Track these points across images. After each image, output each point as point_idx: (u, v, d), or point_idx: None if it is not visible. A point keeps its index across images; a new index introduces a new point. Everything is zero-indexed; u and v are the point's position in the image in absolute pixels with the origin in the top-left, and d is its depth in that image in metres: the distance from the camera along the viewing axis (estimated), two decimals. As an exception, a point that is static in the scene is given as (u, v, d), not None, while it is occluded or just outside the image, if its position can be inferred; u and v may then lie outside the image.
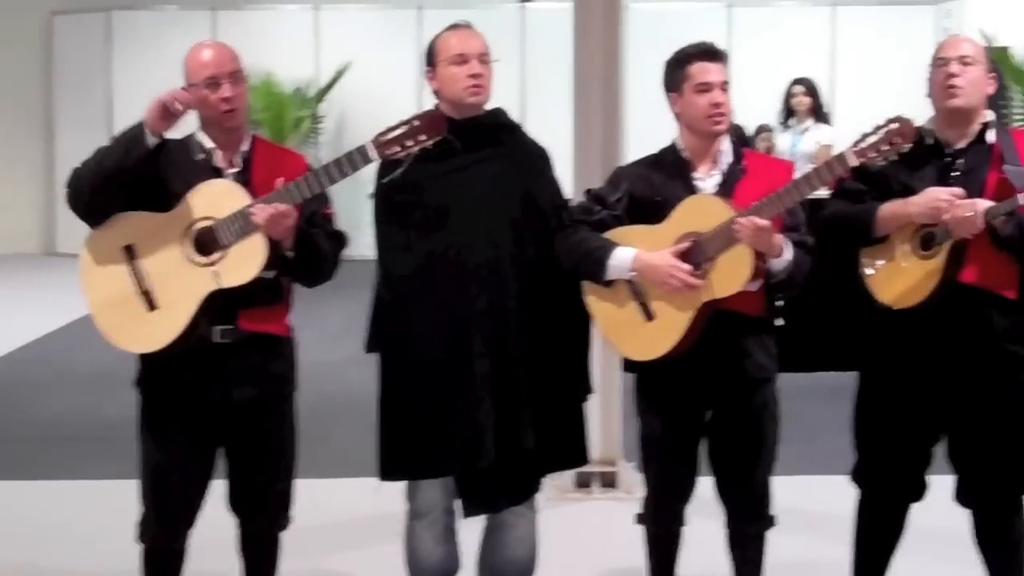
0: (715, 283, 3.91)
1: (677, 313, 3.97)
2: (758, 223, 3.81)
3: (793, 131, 10.03)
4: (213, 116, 3.96)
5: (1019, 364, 4.06)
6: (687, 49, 4.09)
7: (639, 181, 4.12)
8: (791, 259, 3.93)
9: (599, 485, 6.21)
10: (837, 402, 4.31)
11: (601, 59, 6.06)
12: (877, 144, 3.78)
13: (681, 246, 3.96)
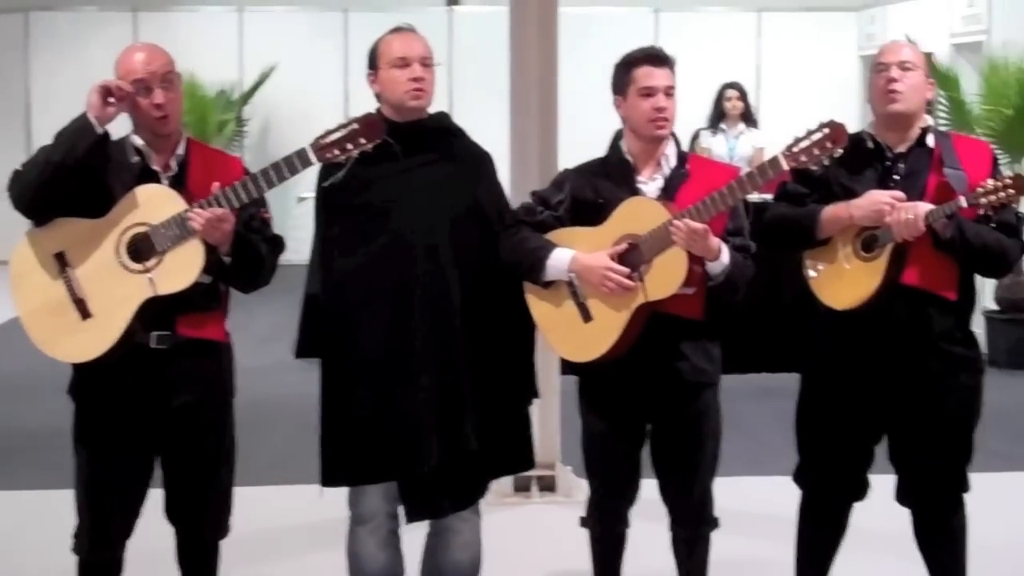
0: (650, 286, 3.92)
1: (614, 315, 3.97)
2: (692, 226, 3.81)
3: (728, 135, 10.07)
4: (145, 122, 3.89)
5: (959, 364, 4.09)
6: (634, 53, 4.09)
7: (583, 183, 4.12)
8: (729, 263, 3.94)
9: (538, 489, 6.20)
10: (778, 403, 4.31)
11: (537, 63, 6.05)
12: (809, 148, 3.80)
13: (618, 248, 3.96)
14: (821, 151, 3.79)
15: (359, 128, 3.77)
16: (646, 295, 3.92)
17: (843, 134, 3.79)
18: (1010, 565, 5.13)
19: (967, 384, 4.14)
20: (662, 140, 4.07)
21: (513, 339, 4.14)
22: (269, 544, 5.56)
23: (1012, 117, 8.97)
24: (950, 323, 4.06)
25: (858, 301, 4.01)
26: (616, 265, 3.94)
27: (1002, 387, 8.35)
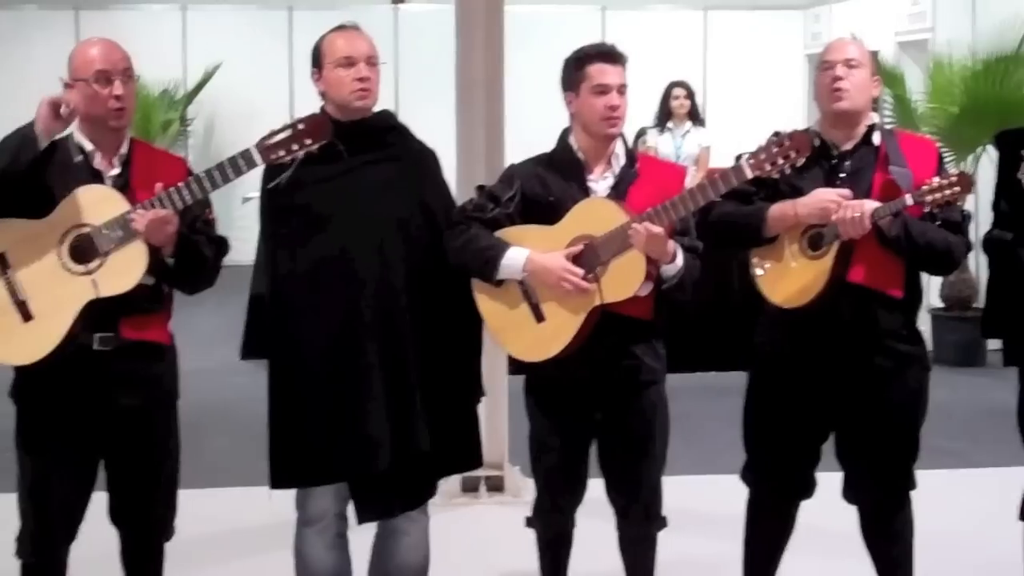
0: (607, 288, 3.91)
1: (568, 316, 3.96)
2: (652, 230, 3.80)
3: (674, 134, 10.07)
4: (100, 114, 3.84)
5: (905, 362, 4.11)
6: (586, 49, 4.08)
7: (532, 180, 4.09)
8: (682, 265, 3.94)
9: (486, 489, 6.18)
10: (726, 401, 4.32)
11: (483, 61, 6.03)
12: (774, 157, 3.80)
13: (574, 249, 3.94)
14: (785, 160, 3.79)
15: (305, 128, 3.73)
16: (602, 297, 3.91)
17: (807, 144, 3.79)
18: (957, 562, 5.15)
19: (913, 382, 4.15)
20: (613, 138, 4.06)
21: (460, 338, 4.11)
22: (216, 546, 5.51)
23: (957, 115, 9.04)
24: (896, 321, 4.08)
25: (804, 299, 4.01)
26: (573, 267, 3.92)
27: (948, 384, 8.41)
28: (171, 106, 14.47)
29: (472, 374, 4.17)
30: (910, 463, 4.21)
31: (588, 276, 3.91)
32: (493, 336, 4.13)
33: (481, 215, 4.06)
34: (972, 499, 6.15)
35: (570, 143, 4.11)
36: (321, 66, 3.97)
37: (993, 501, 5.96)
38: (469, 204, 4.13)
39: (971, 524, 5.73)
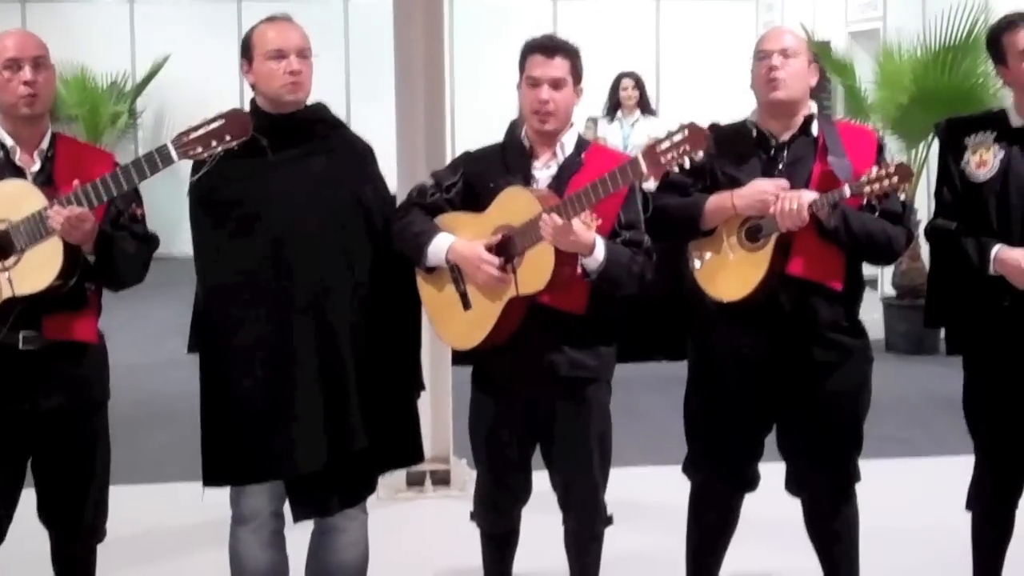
0: (522, 279, 3.87)
1: (489, 305, 3.93)
2: (556, 221, 3.74)
3: (623, 124, 10.06)
4: (11, 102, 3.78)
5: (846, 354, 4.08)
6: (531, 40, 4.05)
7: (479, 166, 4.07)
8: (604, 259, 3.86)
9: (431, 483, 6.13)
10: (676, 391, 4.29)
11: (423, 52, 5.96)
12: (668, 151, 3.70)
13: (495, 238, 3.91)
14: (680, 154, 3.69)
15: (224, 125, 3.65)
16: (518, 289, 3.87)
17: (701, 138, 3.68)
18: (906, 551, 5.13)
19: (854, 374, 4.12)
20: (547, 133, 4.00)
21: (398, 332, 4.06)
22: (154, 543, 5.44)
23: (907, 104, 9.03)
24: (837, 313, 4.04)
25: (743, 292, 3.97)
26: (489, 256, 3.88)
27: (899, 373, 8.43)
28: (120, 98, 14.36)
29: (411, 368, 4.12)
30: (853, 455, 4.18)
31: (505, 267, 3.87)
32: (429, 321, 4.11)
33: (422, 200, 4.05)
34: (922, 488, 6.15)
35: (518, 131, 4.08)
36: (251, 58, 3.89)
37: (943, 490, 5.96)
38: (415, 189, 4.12)
39: (921, 513, 5.70)
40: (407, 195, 4.11)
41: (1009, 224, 4.03)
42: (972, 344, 4.20)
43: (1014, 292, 3.99)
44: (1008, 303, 4.02)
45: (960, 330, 4.25)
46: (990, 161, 4.06)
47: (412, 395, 4.11)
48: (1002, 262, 3.98)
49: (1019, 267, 3.94)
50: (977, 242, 4.03)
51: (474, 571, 4.39)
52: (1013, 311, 4.02)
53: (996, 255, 3.99)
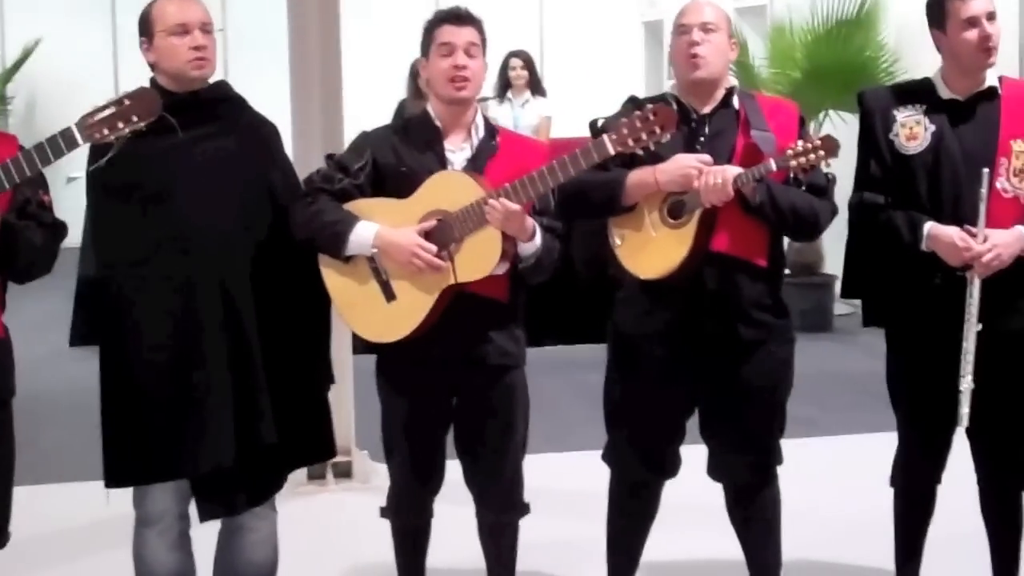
0: (461, 266, 3.73)
1: (419, 295, 3.77)
2: (509, 207, 3.64)
3: (513, 104, 9.95)
4: None
5: (769, 333, 4.01)
6: (437, 13, 3.92)
7: (385, 148, 3.89)
8: (540, 245, 3.77)
9: (333, 476, 5.97)
10: (581, 375, 4.17)
11: (319, 33, 5.79)
12: (637, 132, 3.61)
13: (427, 224, 3.75)
14: (649, 135, 3.61)
15: (131, 105, 3.41)
16: (455, 276, 3.72)
17: (672, 119, 3.62)
18: (814, 532, 5.06)
19: (777, 354, 4.06)
20: (464, 102, 3.87)
21: (308, 322, 3.91)
22: (52, 546, 5.23)
23: (800, 80, 9.08)
24: (761, 291, 3.97)
25: (666, 270, 3.87)
26: (425, 243, 3.72)
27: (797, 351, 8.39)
28: (-11, 84, 13.95)
29: (321, 360, 3.97)
30: (776, 438, 4.11)
31: (441, 254, 3.72)
32: (340, 315, 3.93)
33: (329, 186, 3.85)
34: (827, 467, 6.10)
35: (428, 110, 3.92)
36: (151, 35, 3.70)
37: (848, 469, 5.98)
38: (316, 174, 3.91)
39: (828, 493, 5.67)
40: (307, 181, 3.91)
41: (940, 199, 3.96)
42: (897, 320, 4.14)
43: (945, 269, 3.93)
44: (940, 280, 3.96)
45: (880, 303, 4.18)
46: (921, 134, 4.00)
47: (322, 387, 3.97)
48: (935, 239, 3.92)
49: (952, 244, 3.88)
50: (908, 218, 3.97)
51: (381, 567, 4.28)
52: (943, 288, 3.96)
53: (929, 232, 3.93)
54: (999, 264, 3.87)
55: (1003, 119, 3.95)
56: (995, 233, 3.87)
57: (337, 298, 3.89)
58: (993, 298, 3.89)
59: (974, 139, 3.96)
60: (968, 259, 3.86)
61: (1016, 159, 3.92)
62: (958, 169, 3.93)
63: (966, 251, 3.86)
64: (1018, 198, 3.93)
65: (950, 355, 3.91)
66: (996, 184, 3.91)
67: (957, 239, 3.87)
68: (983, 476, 4.20)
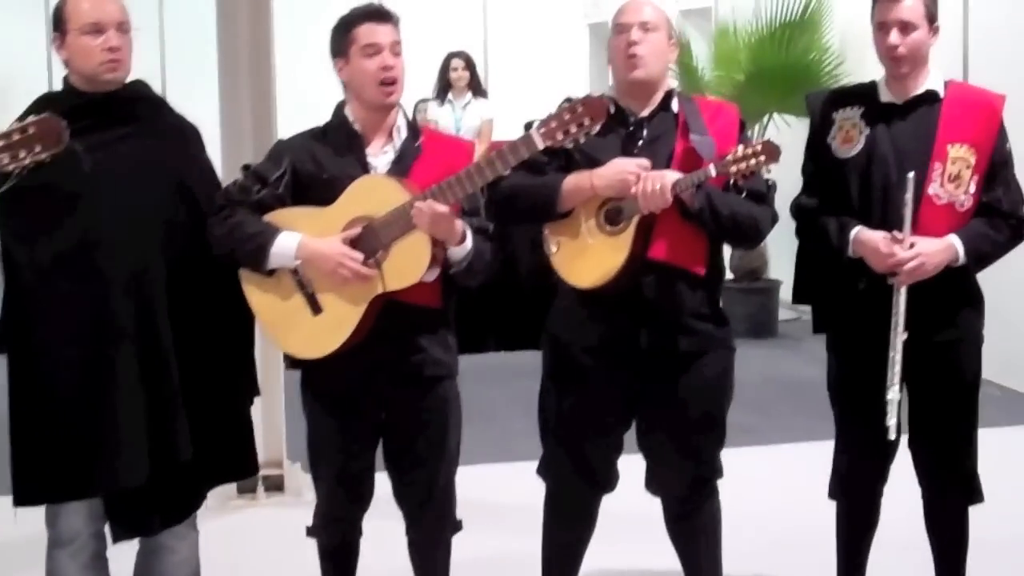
0: (389, 274, 3.59)
1: (348, 306, 3.63)
2: (437, 208, 3.50)
3: (454, 106, 9.82)
4: None
5: (709, 343, 3.91)
6: (354, 11, 3.74)
7: (304, 156, 3.74)
8: (471, 247, 3.65)
9: (264, 490, 5.83)
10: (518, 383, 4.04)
11: (248, 31, 5.64)
12: (566, 124, 3.48)
13: (352, 232, 3.61)
14: (579, 127, 3.48)
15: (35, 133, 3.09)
16: (384, 284, 3.58)
17: (601, 109, 3.49)
18: (755, 545, 4.98)
19: (717, 364, 3.95)
20: (391, 107, 3.74)
21: (229, 333, 3.76)
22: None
23: (743, 82, 9.00)
24: (700, 300, 3.86)
25: (603, 279, 3.75)
26: (351, 251, 3.58)
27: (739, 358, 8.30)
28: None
29: (244, 373, 3.83)
30: (716, 451, 4.01)
31: (368, 261, 3.58)
32: (266, 332, 3.79)
33: (246, 197, 3.69)
34: (770, 477, 6.01)
35: (346, 115, 3.77)
36: (64, 32, 3.55)
37: (791, 478, 5.88)
38: (233, 186, 3.76)
39: (767, 504, 5.59)
40: (223, 193, 3.74)
41: (870, 204, 3.90)
42: (833, 326, 4.10)
43: (871, 275, 3.87)
44: (864, 286, 3.91)
45: (824, 310, 4.13)
46: (856, 137, 3.94)
47: (244, 401, 3.83)
48: (860, 243, 3.87)
49: (877, 250, 3.83)
50: (837, 222, 3.92)
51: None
52: (869, 294, 3.90)
53: (855, 236, 3.88)
54: (923, 273, 3.81)
55: (941, 123, 3.88)
56: (923, 241, 3.81)
57: (261, 315, 3.74)
58: (922, 307, 3.83)
59: (909, 143, 3.89)
60: (892, 265, 3.81)
61: (952, 164, 3.85)
62: (889, 173, 3.87)
63: (890, 257, 3.80)
64: (952, 205, 3.86)
65: (881, 364, 3.84)
66: (928, 190, 3.84)
67: (881, 244, 3.81)
68: (926, 489, 4.12)
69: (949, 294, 3.89)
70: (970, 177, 3.85)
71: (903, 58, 3.85)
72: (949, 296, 3.90)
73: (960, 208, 3.86)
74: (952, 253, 3.84)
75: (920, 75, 3.92)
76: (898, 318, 3.81)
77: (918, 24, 3.83)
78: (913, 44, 3.83)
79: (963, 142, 3.85)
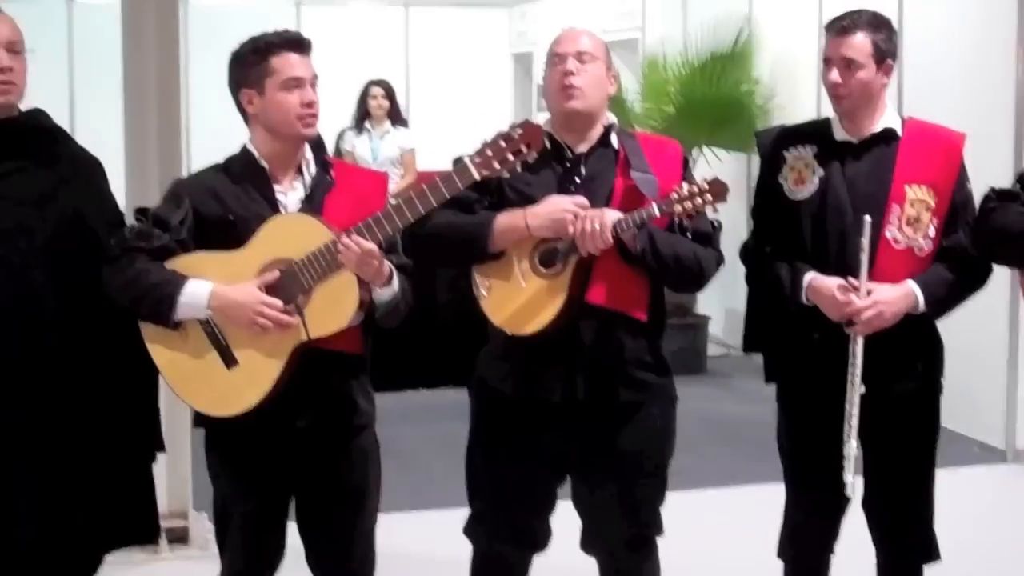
0: (313, 320, 3.31)
1: (266, 359, 3.34)
2: (366, 246, 3.23)
3: (372, 135, 9.57)
4: None
5: (650, 394, 3.69)
6: (267, 38, 3.46)
7: (205, 195, 3.45)
8: (399, 288, 3.40)
9: (167, 542, 5.46)
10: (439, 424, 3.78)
11: (156, 60, 5.37)
12: (503, 152, 3.25)
13: (268, 276, 3.32)
14: (516, 155, 3.26)
15: None
16: (308, 332, 3.30)
17: (538, 136, 3.28)
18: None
19: (659, 415, 3.73)
20: (306, 139, 3.48)
21: (129, 386, 3.52)
22: None
23: (674, 115, 8.89)
24: (641, 347, 3.65)
25: (537, 325, 3.52)
26: (269, 298, 3.30)
27: (668, 396, 8.16)
28: None
29: (145, 428, 3.60)
30: (656, 508, 3.79)
31: (288, 307, 3.30)
32: (174, 390, 3.46)
33: (147, 244, 3.37)
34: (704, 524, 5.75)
35: (249, 149, 3.49)
36: None
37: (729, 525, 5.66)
38: (130, 232, 3.43)
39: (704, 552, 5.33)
40: (118, 240, 3.41)
41: (825, 249, 3.72)
42: (784, 377, 3.90)
43: (826, 324, 3.68)
44: (818, 336, 3.72)
45: (776, 359, 3.93)
46: (808, 178, 3.75)
47: (146, 460, 3.59)
48: (815, 291, 3.69)
49: (832, 298, 3.64)
50: (790, 268, 3.74)
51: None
52: (825, 345, 3.70)
53: (809, 283, 3.69)
54: (881, 323, 3.63)
55: (898, 163, 3.71)
56: (880, 288, 3.63)
57: (167, 372, 3.43)
58: (878, 357, 3.64)
59: (865, 184, 3.72)
60: (848, 314, 3.62)
61: (910, 207, 3.68)
62: (845, 216, 3.70)
63: (846, 305, 3.61)
64: (911, 249, 3.69)
65: (836, 418, 3.65)
66: (886, 233, 3.67)
67: (837, 292, 3.63)
68: (881, 550, 3.94)
69: (907, 343, 3.72)
70: (930, 220, 3.67)
71: (844, 97, 3.69)
72: (907, 345, 3.73)
73: (919, 253, 3.69)
74: (912, 300, 3.66)
75: (875, 113, 3.75)
76: (855, 370, 3.62)
77: (863, 63, 3.67)
78: (857, 83, 3.67)
79: (922, 183, 3.69)
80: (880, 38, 3.68)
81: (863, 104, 3.70)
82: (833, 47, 3.68)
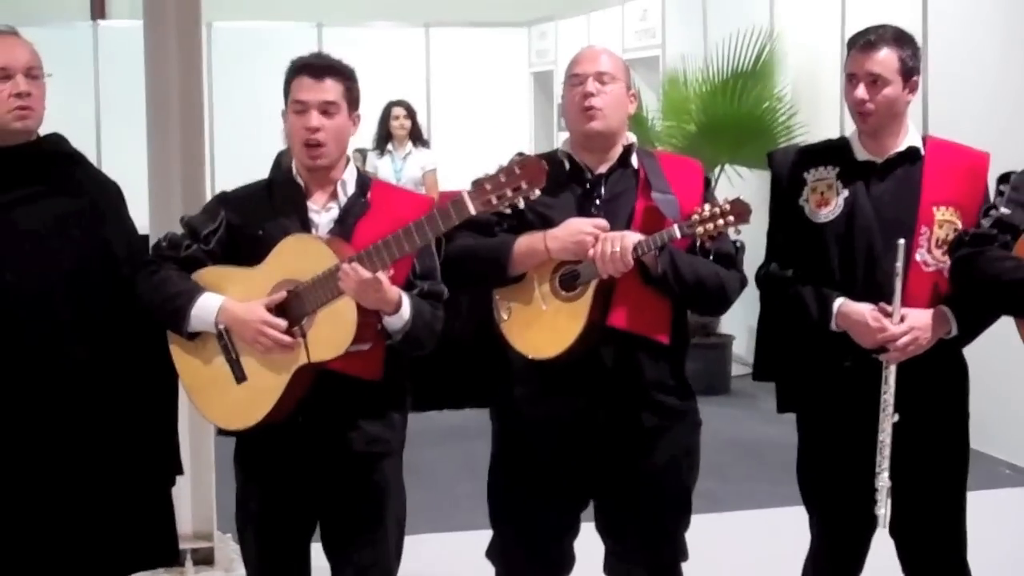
0: (314, 344, 3.30)
1: (270, 377, 3.34)
2: (361, 274, 3.19)
3: (394, 156, 9.57)
4: None
5: (673, 418, 3.65)
6: (295, 60, 3.48)
7: (243, 209, 3.47)
8: (410, 317, 3.33)
9: (193, 563, 5.45)
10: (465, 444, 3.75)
11: (179, 81, 5.37)
12: (502, 189, 3.18)
13: (276, 297, 3.32)
14: (515, 192, 3.18)
15: None
16: (309, 356, 3.28)
17: (540, 174, 3.18)
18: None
19: (682, 440, 3.70)
20: (320, 169, 3.44)
21: (151, 406, 3.51)
22: None
23: (695, 133, 8.82)
24: (663, 370, 3.61)
25: (557, 349, 3.48)
26: (272, 318, 3.29)
27: (692, 417, 8.10)
28: None
29: (166, 451, 3.58)
30: (681, 533, 3.75)
31: (293, 330, 3.29)
32: (189, 398, 3.51)
33: (175, 253, 3.43)
34: (729, 547, 5.70)
35: (290, 166, 3.49)
36: None
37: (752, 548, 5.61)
38: (164, 240, 3.50)
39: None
40: (154, 247, 3.50)
41: (853, 272, 3.58)
42: (807, 405, 3.75)
43: (857, 351, 3.55)
44: (850, 363, 3.58)
45: (793, 387, 3.78)
46: (832, 200, 3.61)
47: (165, 483, 3.57)
48: (845, 317, 3.54)
49: (865, 324, 3.50)
50: (817, 293, 3.59)
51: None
52: (855, 372, 3.58)
53: (839, 309, 3.55)
54: (916, 349, 3.49)
55: (924, 183, 3.58)
56: (913, 313, 3.50)
57: (185, 379, 3.48)
58: (906, 384, 3.51)
59: (892, 206, 3.58)
60: (882, 341, 3.49)
61: (939, 228, 3.55)
62: (873, 239, 3.56)
63: (880, 332, 3.48)
64: (941, 272, 3.55)
65: (865, 447, 3.53)
66: (916, 256, 3.54)
67: (870, 318, 3.50)
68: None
69: (933, 368, 3.57)
70: None
71: (870, 114, 3.55)
72: (933, 370, 3.58)
73: (947, 275, 3.53)
74: (946, 326, 3.53)
75: (898, 131, 3.61)
76: (887, 398, 3.49)
77: (890, 79, 3.53)
78: (884, 100, 3.53)
79: (948, 204, 3.56)
80: (906, 54, 3.56)
81: (888, 122, 3.58)
82: (858, 62, 3.56)
